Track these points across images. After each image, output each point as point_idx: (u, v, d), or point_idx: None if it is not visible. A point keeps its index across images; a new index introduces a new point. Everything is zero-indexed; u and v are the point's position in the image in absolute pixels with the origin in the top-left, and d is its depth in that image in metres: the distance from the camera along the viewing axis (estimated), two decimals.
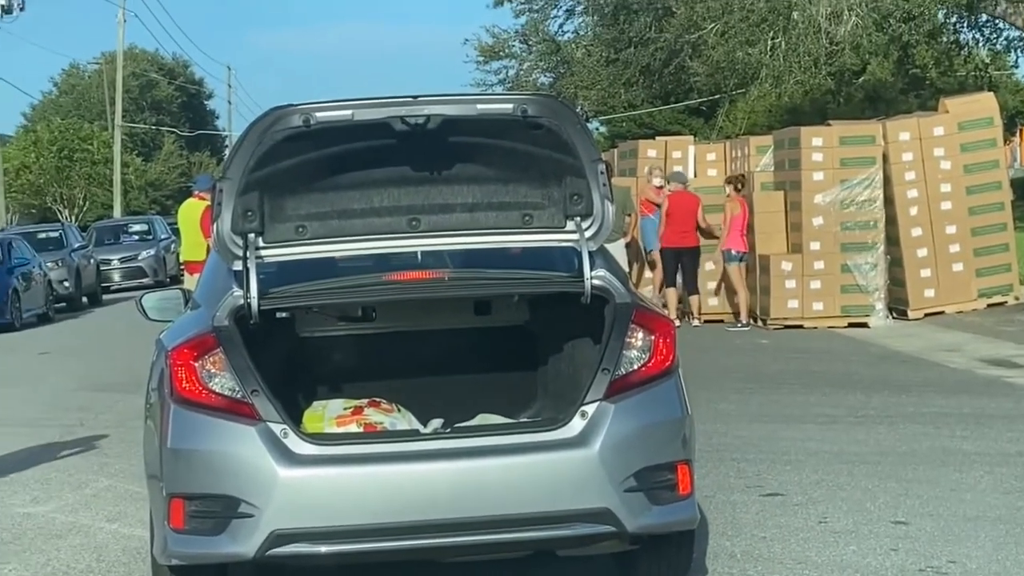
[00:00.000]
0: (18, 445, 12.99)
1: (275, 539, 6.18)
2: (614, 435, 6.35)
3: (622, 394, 6.44)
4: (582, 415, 6.39)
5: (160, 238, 43.47)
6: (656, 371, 6.57)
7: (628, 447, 6.37)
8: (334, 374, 7.87)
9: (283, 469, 6.20)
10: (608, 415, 6.38)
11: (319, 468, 6.26)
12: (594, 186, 6.80)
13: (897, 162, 20.98)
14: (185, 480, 6.35)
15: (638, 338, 6.57)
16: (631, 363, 6.53)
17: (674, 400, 6.64)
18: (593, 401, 6.41)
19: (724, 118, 48.04)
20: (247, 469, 6.22)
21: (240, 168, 6.57)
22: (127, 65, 78.65)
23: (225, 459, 6.26)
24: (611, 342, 6.53)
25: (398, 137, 6.62)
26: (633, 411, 6.43)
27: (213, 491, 6.27)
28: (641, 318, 6.63)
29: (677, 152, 25.00)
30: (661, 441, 6.51)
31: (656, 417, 6.52)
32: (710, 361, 17.19)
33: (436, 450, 6.39)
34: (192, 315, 7.07)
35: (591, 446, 6.32)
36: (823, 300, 20.81)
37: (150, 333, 7.71)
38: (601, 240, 6.90)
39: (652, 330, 6.62)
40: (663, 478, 6.47)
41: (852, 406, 13.43)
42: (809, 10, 32.53)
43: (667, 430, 6.56)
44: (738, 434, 11.99)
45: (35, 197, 67.44)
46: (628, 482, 6.34)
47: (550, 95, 7.35)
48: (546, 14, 44.95)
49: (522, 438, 6.48)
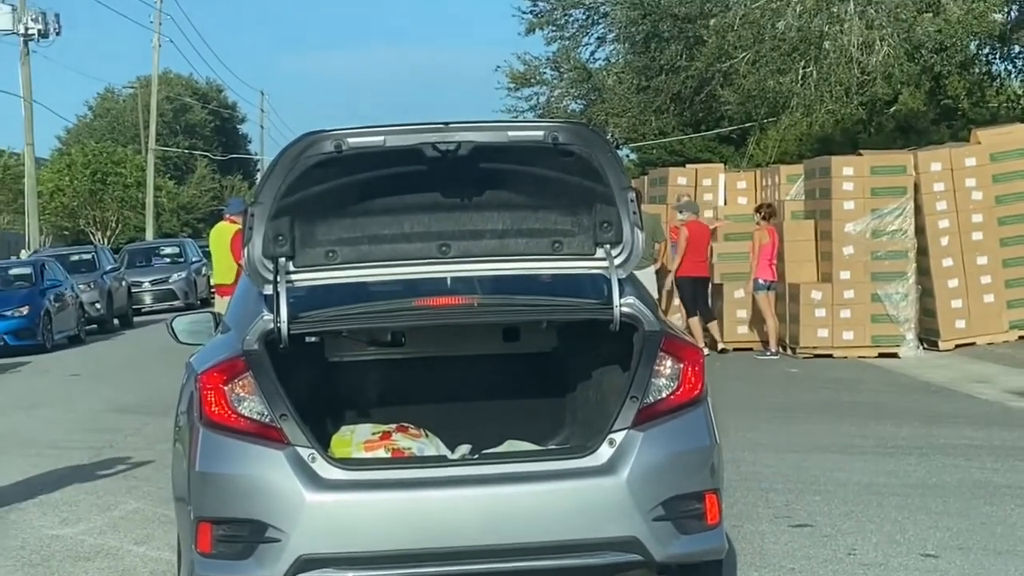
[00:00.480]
0: (47, 466, 13.04)
1: (302, 564, 6.16)
2: (642, 463, 6.33)
3: (650, 422, 6.43)
4: (610, 443, 6.38)
5: (191, 261, 43.62)
6: (685, 399, 6.56)
7: (656, 476, 6.35)
8: (362, 399, 7.88)
9: (310, 494, 6.19)
10: (636, 443, 6.36)
11: (347, 493, 6.26)
12: (624, 214, 6.80)
13: (928, 192, 20.93)
14: (213, 504, 6.35)
15: (667, 366, 6.56)
16: (660, 391, 6.52)
17: (703, 429, 6.61)
18: (621, 429, 6.39)
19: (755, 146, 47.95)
20: (275, 493, 6.22)
21: (272, 193, 6.59)
22: (161, 89, 79.02)
23: (253, 483, 6.25)
24: (640, 370, 6.52)
25: (429, 163, 6.62)
26: (661, 439, 6.41)
27: (240, 515, 6.27)
28: (670, 346, 6.62)
29: (707, 180, 25.03)
30: (689, 470, 6.48)
31: (684, 446, 6.50)
32: (739, 390, 17.14)
33: (463, 476, 6.39)
34: (222, 339, 7.07)
35: (619, 474, 6.31)
36: (853, 329, 20.75)
37: (180, 356, 7.73)
38: (631, 268, 6.90)
39: (681, 358, 6.60)
40: (691, 507, 6.44)
41: (882, 437, 13.37)
42: (840, 40, 32.44)
43: (695, 459, 6.54)
44: (767, 463, 11.94)
45: (68, 219, 67.70)
46: (656, 511, 6.32)
47: (581, 122, 7.34)
48: (577, 41, 44.94)
49: (549, 465, 6.47)
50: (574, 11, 43.53)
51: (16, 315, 28.52)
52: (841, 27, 32.45)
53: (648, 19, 39.25)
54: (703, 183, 24.93)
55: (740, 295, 22.16)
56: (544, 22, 43.28)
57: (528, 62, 44.97)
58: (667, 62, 40.44)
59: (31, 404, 18.91)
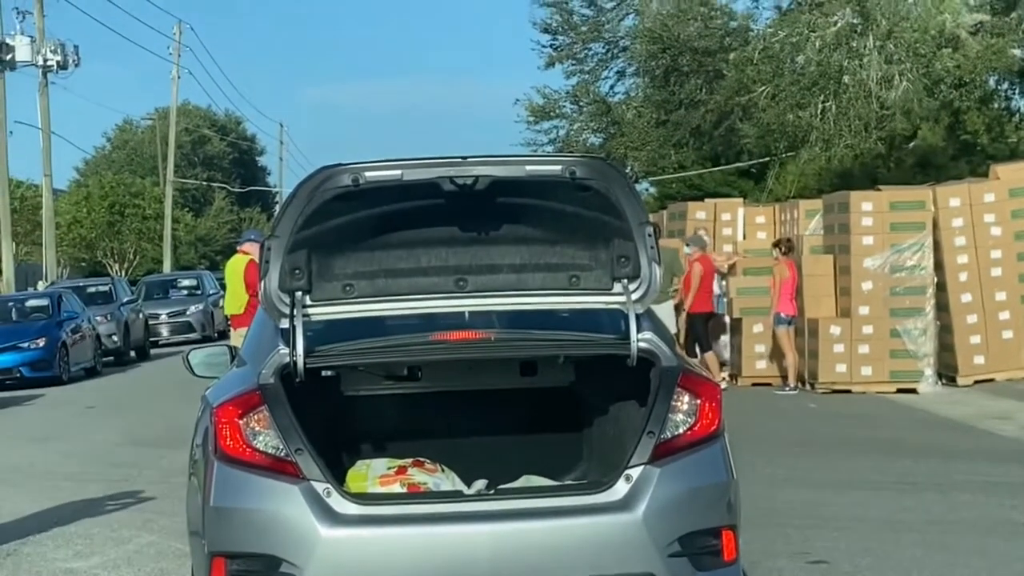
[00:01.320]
0: (63, 499, 13.02)
1: None
2: (659, 499, 6.28)
3: (667, 458, 6.38)
4: (626, 479, 6.33)
5: (208, 293, 43.69)
6: (702, 435, 6.52)
7: (673, 512, 6.30)
8: (379, 433, 7.85)
9: (325, 529, 6.14)
10: (653, 479, 6.31)
11: (362, 528, 6.20)
12: (642, 248, 6.78)
13: (947, 228, 20.89)
14: (227, 538, 6.31)
15: (684, 402, 6.52)
16: (677, 427, 6.48)
17: (720, 464, 6.56)
18: (638, 465, 6.34)
19: (774, 181, 47.91)
20: (289, 528, 6.17)
21: (289, 226, 6.58)
22: (180, 121, 79.33)
23: (267, 518, 6.21)
24: (657, 405, 6.48)
25: (447, 197, 6.62)
26: (678, 475, 6.37)
27: (255, 550, 6.22)
28: (687, 382, 6.58)
29: (726, 214, 25.00)
30: (706, 506, 6.44)
31: (701, 482, 6.45)
32: (758, 425, 17.07)
33: (479, 512, 6.35)
34: (238, 372, 7.05)
35: (635, 510, 6.26)
36: (872, 365, 20.68)
37: (196, 389, 7.71)
38: (648, 303, 6.89)
39: (698, 394, 6.56)
40: (708, 544, 6.40)
41: (900, 473, 13.30)
42: (860, 74, 32.44)
43: (712, 495, 6.49)
44: (785, 499, 11.88)
45: (86, 251, 67.93)
46: (672, 547, 6.28)
47: (599, 157, 7.30)
48: (597, 75, 44.91)
49: (566, 501, 6.42)
50: (594, 45, 43.57)
51: (33, 347, 28.58)
52: (860, 62, 32.46)
53: (667, 53, 39.24)
54: (722, 217, 24.90)
55: (759, 330, 22.10)
56: (564, 56, 43.31)
57: (547, 96, 44.93)
58: (687, 96, 40.44)
59: (47, 436, 18.91)
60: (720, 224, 24.81)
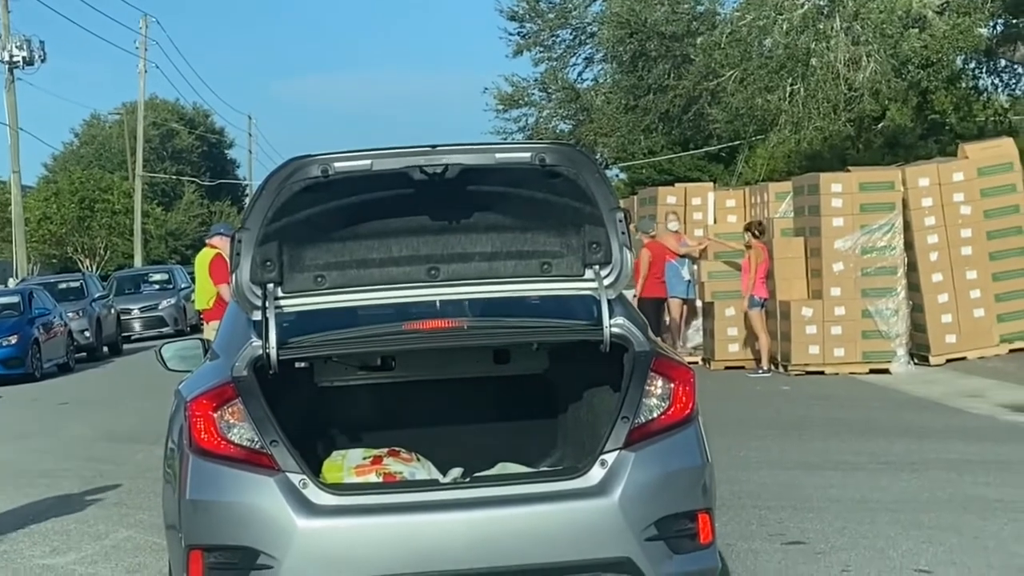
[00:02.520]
0: (37, 496, 12.98)
1: None
2: (634, 484, 6.31)
3: (642, 442, 6.41)
4: (602, 464, 6.35)
5: (180, 287, 43.53)
6: (676, 419, 6.54)
7: (648, 496, 6.33)
8: (353, 423, 7.84)
9: (302, 520, 6.15)
10: (628, 464, 6.34)
11: (338, 519, 6.21)
12: (613, 234, 6.78)
13: (917, 208, 20.97)
14: (204, 531, 6.31)
15: (657, 386, 6.55)
16: (650, 411, 6.50)
17: (694, 448, 6.59)
18: (613, 450, 6.37)
19: (744, 164, 47.99)
20: (266, 520, 6.17)
21: (259, 219, 6.56)
22: (147, 115, 78.94)
23: (244, 510, 6.22)
24: (630, 390, 6.51)
25: (417, 186, 6.60)
26: (653, 459, 6.39)
27: (232, 542, 6.23)
28: (660, 366, 6.60)
29: (696, 199, 25.05)
30: (681, 489, 6.46)
31: (676, 465, 6.48)
32: (731, 408, 17.12)
33: (455, 500, 6.36)
34: (211, 365, 7.05)
35: (611, 495, 6.29)
36: (844, 346, 20.76)
37: (169, 383, 7.70)
38: (620, 288, 6.89)
39: (671, 378, 6.59)
40: (684, 527, 6.43)
41: (874, 452, 13.35)
42: (827, 56, 32.41)
43: (687, 478, 6.51)
44: (760, 481, 11.91)
45: (56, 247, 67.63)
46: (649, 531, 6.30)
47: (568, 144, 7.34)
48: (565, 62, 44.85)
49: (541, 487, 6.43)
50: (561, 32, 43.50)
51: (5, 344, 28.42)
52: (828, 44, 32.42)
53: (635, 38, 39.20)
54: (692, 202, 24.95)
55: (731, 313, 22.17)
56: (531, 43, 43.24)
57: (516, 83, 44.89)
58: (655, 81, 40.41)
59: (20, 434, 18.81)
60: (691, 209, 24.86)
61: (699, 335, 23.68)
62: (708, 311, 22.91)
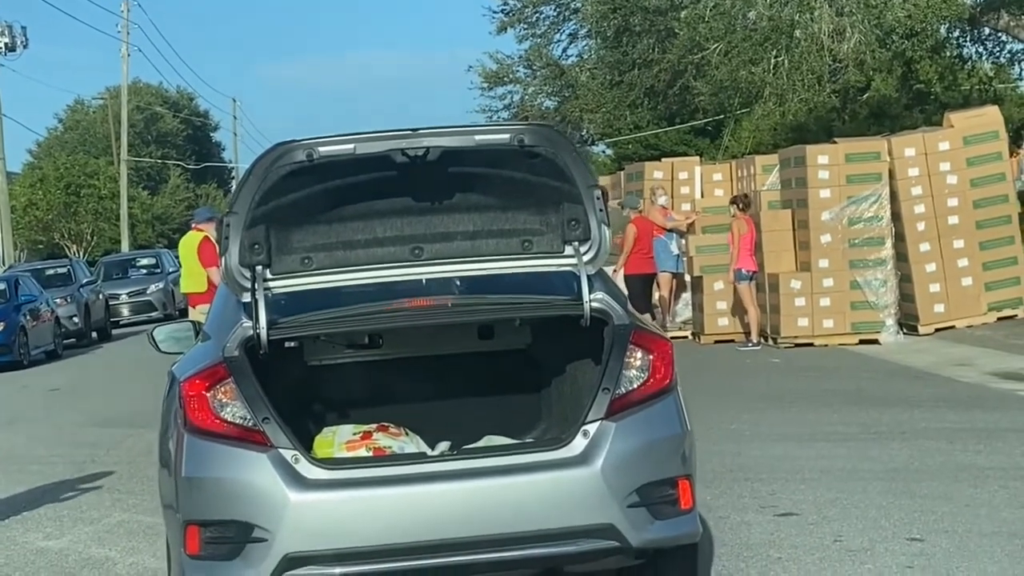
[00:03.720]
0: (30, 483, 12.98)
1: (288, 562, 6.28)
2: (616, 453, 6.47)
3: (622, 413, 6.56)
4: (584, 434, 6.51)
5: (168, 271, 43.34)
6: (655, 389, 6.70)
7: (630, 464, 6.49)
8: (343, 400, 7.98)
9: (294, 494, 6.30)
10: (609, 433, 6.50)
11: (329, 492, 6.37)
12: (591, 211, 6.93)
13: (903, 178, 20.98)
14: (200, 507, 6.46)
15: (637, 358, 6.71)
16: (631, 382, 6.66)
17: (673, 417, 6.75)
18: (595, 420, 6.53)
19: (730, 138, 47.96)
20: (259, 495, 6.32)
21: (246, 203, 6.68)
22: (131, 99, 78.68)
23: (238, 486, 6.36)
24: (611, 362, 6.66)
25: (399, 169, 6.74)
26: (633, 429, 6.55)
27: (227, 517, 6.37)
28: (639, 339, 6.76)
29: (683, 173, 25.07)
30: (662, 457, 6.63)
31: (656, 434, 6.64)
32: (721, 381, 17.15)
33: (442, 471, 6.50)
34: (203, 346, 7.17)
35: (593, 464, 6.45)
36: (833, 317, 20.79)
37: (159, 367, 7.72)
38: (600, 264, 7.03)
39: (650, 350, 6.75)
40: (665, 493, 6.59)
41: (865, 423, 13.38)
42: (811, 28, 32.35)
43: (667, 446, 6.67)
44: (751, 454, 11.94)
45: (43, 233, 67.43)
46: (631, 498, 6.47)
47: (546, 124, 7.42)
48: (549, 39, 44.79)
49: (525, 458, 6.59)
50: (544, 8, 43.43)
51: None
52: (811, 15, 32.35)
53: (618, 13, 39.13)
54: (679, 176, 24.97)
55: (720, 287, 22.18)
56: (515, 20, 43.17)
57: (500, 61, 44.89)
58: (639, 56, 40.35)
59: (10, 420, 18.82)
60: (678, 183, 24.88)
61: (688, 309, 23.71)
62: (696, 285, 22.92)
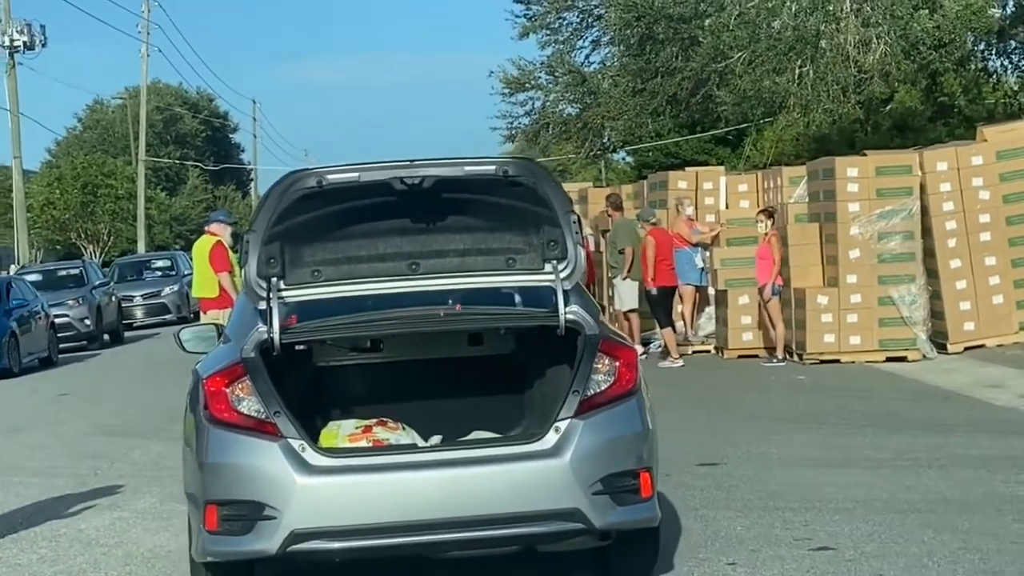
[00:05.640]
0: (29, 497, 12.48)
1: (294, 537, 7.20)
2: (583, 447, 7.36)
3: (590, 412, 7.45)
4: (556, 430, 7.40)
5: (183, 274, 42.88)
6: (619, 392, 7.58)
7: (595, 457, 7.37)
8: (348, 398, 8.85)
9: (301, 478, 7.22)
10: (578, 430, 7.39)
11: (331, 477, 7.29)
12: (568, 234, 7.89)
13: (935, 192, 20.43)
14: (218, 488, 7.35)
15: (604, 364, 7.58)
16: (598, 385, 7.54)
17: (635, 417, 7.61)
18: (565, 418, 7.42)
19: (751, 147, 47.52)
20: (270, 478, 7.24)
21: (264, 222, 7.68)
22: (151, 99, 78.57)
23: (252, 470, 7.27)
24: (581, 367, 7.55)
25: (398, 195, 7.76)
26: (599, 426, 7.43)
27: (242, 497, 7.28)
28: (607, 347, 7.65)
29: (708, 183, 24.50)
30: (624, 452, 7.48)
31: (619, 431, 7.50)
32: (748, 400, 16.66)
33: (430, 460, 7.44)
34: (223, 348, 8.06)
35: (563, 456, 7.34)
36: (860, 334, 20.24)
37: (169, 374, 7.92)
38: (575, 280, 7.93)
39: (616, 357, 7.63)
40: (626, 483, 7.45)
41: (898, 448, 12.84)
42: (837, 38, 31.99)
43: (629, 442, 7.54)
44: (781, 480, 11.43)
45: (59, 233, 67.29)
46: (595, 486, 7.34)
47: (527, 158, 8.92)
48: (572, 45, 44.34)
49: (504, 450, 7.55)
50: (568, 14, 43.05)
51: None
52: (837, 25, 32.04)
53: (642, 21, 38.72)
54: (704, 186, 24.39)
55: (745, 301, 21.66)
56: (538, 26, 42.77)
57: (522, 67, 44.43)
58: (663, 64, 39.95)
59: (15, 427, 18.31)
60: (702, 193, 24.30)
61: (711, 323, 23.19)
62: (721, 299, 22.39)
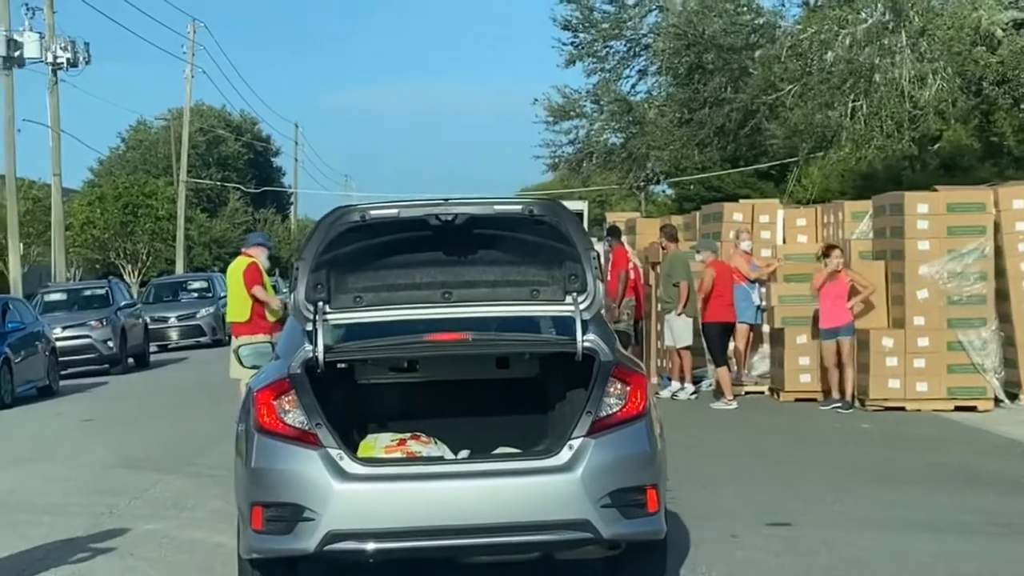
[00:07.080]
0: (37, 539, 11.50)
1: (331, 537, 7.86)
2: (593, 463, 7.97)
3: (602, 432, 8.06)
4: (569, 447, 8.01)
5: (219, 295, 42.08)
6: (630, 415, 8.19)
7: (604, 472, 7.98)
8: (384, 413, 9.60)
9: (338, 484, 7.90)
10: (589, 447, 8.00)
11: (365, 484, 7.95)
12: (587, 269, 8.60)
13: (1010, 232, 19.26)
14: (263, 491, 8.05)
15: (616, 388, 8.21)
16: (610, 408, 8.16)
17: (643, 438, 8.21)
18: (578, 436, 8.03)
19: (795, 183, 46.61)
20: (310, 483, 7.91)
21: (312, 252, 8.44)
22: (194, 121, 78.23)
23: (294, 476, 7.95)
24: (595, 390, 8.17)
25: (433, 230, 8.46)
26: (609, 445, 8.04)
27: (285, 500, 7.96)
28: (619, 373, 8.27)
29: (765, 216, 23.39)
30: (632, 469, 8.08)
31: (628, 451, 8.10)
32: (811, 448, 15.58)
33: (456, 471, 8.19)
34: (273, 365, 8.77)
35: (575, 471, 7.96)
36: (927, 380, 19.09)
37: (193, 401, 6.94)
38: (594, 311, 8.61)
39: (628, 382, 8.25)
40: (633, 498, 8.05)
41: (987, 510, 11.72)
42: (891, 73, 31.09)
43: (637, 461, 8.13)
44: (866, 545, 10.35)
45: (99, 252, 66.78)
46: (604, 500, 7.95)
47: (551, 200, 9.20)
48: (618, 74, 43.54)
49: (523, 464, 8.18)
50: (615, 43, 42.22)
51: None
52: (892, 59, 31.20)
53: (692, 50, 37.91)
54: (760, 219, 23.28)
55: (803, 341, 20.53)
56: (584, 54, 41.95)
57: (567, 95, 43.61)
58: (711, 94, 39.11)
59: (32, 456, 17.35)
60: (758, 227, 23.20)
61: (765, 363, 22.07)
62: (777, 338, 21.21)
